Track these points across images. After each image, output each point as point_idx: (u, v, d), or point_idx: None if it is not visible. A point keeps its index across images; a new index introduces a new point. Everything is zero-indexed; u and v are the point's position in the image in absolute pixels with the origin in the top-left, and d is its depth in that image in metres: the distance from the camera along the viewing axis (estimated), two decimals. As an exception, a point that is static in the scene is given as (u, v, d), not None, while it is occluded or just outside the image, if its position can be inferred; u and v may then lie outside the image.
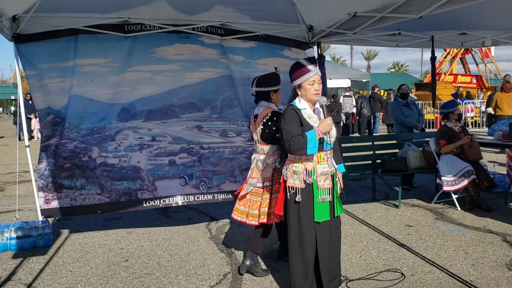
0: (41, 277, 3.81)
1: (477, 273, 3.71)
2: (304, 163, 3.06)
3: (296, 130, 2.96)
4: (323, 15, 4.96)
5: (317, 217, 3.03)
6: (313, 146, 2.91)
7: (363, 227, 5.06)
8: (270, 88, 3.78)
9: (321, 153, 3.05)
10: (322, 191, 3.04)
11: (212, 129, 5.17)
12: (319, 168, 3.04)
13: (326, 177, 3.06)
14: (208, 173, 5.10)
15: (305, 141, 2.89)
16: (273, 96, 3.81)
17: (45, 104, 4.61)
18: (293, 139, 2.91)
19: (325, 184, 3.05)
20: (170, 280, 3.71)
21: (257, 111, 3.80)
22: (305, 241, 3.05)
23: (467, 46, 6.74)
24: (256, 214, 3.70)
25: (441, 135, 5.92)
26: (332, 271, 3.18)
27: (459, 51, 24.45)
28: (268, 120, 3.66)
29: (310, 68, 3.04)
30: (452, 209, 5.72)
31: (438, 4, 3.62)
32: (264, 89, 3.77)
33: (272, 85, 3.79)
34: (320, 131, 2.94)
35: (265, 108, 3.75)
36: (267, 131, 3.67)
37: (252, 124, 3.84)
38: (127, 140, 4.85)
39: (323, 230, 3.08)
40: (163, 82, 4.95)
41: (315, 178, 3.04)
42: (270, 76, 3.85)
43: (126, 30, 4.76)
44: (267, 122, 3.66)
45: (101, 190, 4.76)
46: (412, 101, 7.53)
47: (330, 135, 3.04)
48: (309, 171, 3.04)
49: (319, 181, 3.03)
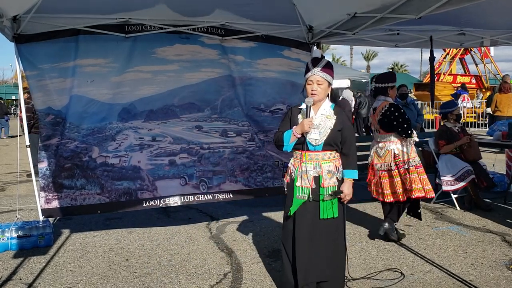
0: (42, 276, 3.82)
1: (476, 273, 3.72)
2: (294, 159, 3.20)
3: (282, 127, 3.22)
4: (323, 15, 4.97)
5: (292, 211, 3.09)
6: (287, 144, 3.12)
7: (363, 227, 5.07)
8: (387, 85, 4.47)
9: (306, 153, 3.08)
10: (300, 189, 3.09)
11: (212, 129, 5.18)
12: (302, 167, 3.09)
13: (307, 177, 3.06)
14: (208, 173, 5.11)
15: (281, 138, 3.14)
16: (389, 91, 4.48)
17: (45, 105, 4.61)
18: (276, 135, 3.23)
19: (303, 183, 3.08)
20: (171, 280, 3.72)
21: (376, 104, 4.49)
22: (286, 236, 3.18)
23: (466, 46, 6.75)
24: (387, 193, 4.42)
25: (441, 135, 5.93)
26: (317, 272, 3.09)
27: (458, 51, 24.43)
28: (386, 111, 4.32)
29: (310, 68, 3.10)
30: (451, 209, 5.73)
31: (438, 5, 3.62)
32: (382, 85, 4.47)
33: (388, 82, 4.47)
34: (295, 131, 3.07)
35: (383, 101, 4.42)
36: (385, 120, 4.32)
37: (371, 115, 4.56)
38: (128, 140, 4.86)
39: (302, 228, 3.07)
40: (163, 83, 4.96)
41: (296, 175, 3.12)
42: (387, 75, 4.59)
43: (126, 30, 4.77)
44: (385, 113, 4.33)
45: (101, 190, 4.77)
46: (411, 101, 7.55)
47: (311, 136, 3.05)
48: (294, 168, 3.16)
49: (299, 179, 3.10)
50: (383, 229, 4.44)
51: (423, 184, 4.36)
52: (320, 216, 3.07)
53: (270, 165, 5.37)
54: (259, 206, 5.95)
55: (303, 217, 3.09)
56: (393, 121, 4.28)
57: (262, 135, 5.36)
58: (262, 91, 5.33)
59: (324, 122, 3.07)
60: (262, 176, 5.34)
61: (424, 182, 4.37)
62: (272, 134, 5.24)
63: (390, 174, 4.39)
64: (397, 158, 4.34)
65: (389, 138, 4.40)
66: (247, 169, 5.27)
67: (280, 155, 5.38)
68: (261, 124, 5.36)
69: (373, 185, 4.59)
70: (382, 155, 4.42)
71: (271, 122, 5.35)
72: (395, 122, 4.28)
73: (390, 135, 4.39)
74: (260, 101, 5.35)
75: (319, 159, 3.09)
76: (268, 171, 5.36)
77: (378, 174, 4.47)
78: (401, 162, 4.34)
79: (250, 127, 5.30)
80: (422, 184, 4.35)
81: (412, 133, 4.31)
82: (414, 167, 4.36)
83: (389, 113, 4.30)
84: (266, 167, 5.36)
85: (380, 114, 4.36)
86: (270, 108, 5.38)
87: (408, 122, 4.32)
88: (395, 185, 4.37)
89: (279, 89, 5.40)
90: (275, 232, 4.91)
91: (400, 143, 4.37)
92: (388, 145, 4.39)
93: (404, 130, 4.28)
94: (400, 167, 4.34)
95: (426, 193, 4.36)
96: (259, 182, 5.33)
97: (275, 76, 5.38)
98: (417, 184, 4.32)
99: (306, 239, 3.09)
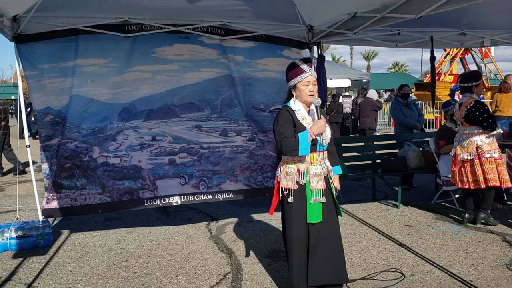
0: (41, 277, 3.82)
1: (477, 273, 3.71)
2: (297, 164, 3.07)
3: (288, 131, 2.98)
4: (323, 15, 4.96)
5: (309, 218, 3.02)
6: (305, 147, 2.92)
7: (363, 227, 5.06)
8: (472, 84, 4.90)
9: (314, 154, 3.04)
10: (315, 192, 3.03)
11: (212, 129, 5.17)
12: (312, 169, 3.04)
13: (319, 178, 3.04)
14: (208, 173, 5.11)
15: (297, 142, 2.91)
16: (474, 90, 4.90)
17: (44, 105, 4.60)
18: (285, 140, 2.94)
19: (317, 186, 3.03)
20: (170, 280, 3.71)
21: (462, 100, 4.95)
22: (299, 241, 3.07)
23: (467, 46, 6.75)
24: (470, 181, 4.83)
25: (441, 135, 5.93)
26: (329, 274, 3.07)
27: (459, 51, 24.39)
28: (472, 107, 4.77)
29: (304, 69, 3.03)
30: (451, 209, 5.72)
31: (438, 4, 3.62)
32: (467, 85, 4.91)
33: (474, 81, 4.90)
34: (312, 133, 2.95)
35: (469, 98, 4.87)
36: (470, 115, 4.78)
37: (457, 110, 5.02)
38: (128, 140, 4.87)
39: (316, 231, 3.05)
40: (163, 82, 4.96)
41: (307, 179, 3.03)
42: (472, 74, 5.00)
43: (126, 30, 4.76)
44: (470, 109, 4.78)
45: (102, 190, 4.77)
46: (412, 101, 7.53)
47: (323, 137, 3.04)
48: (302, 172, 3.04)
49: (312, 182, 3.03)
50: (480, 218, 4.96)
51: (500, 175, 4.74)
52: (338, 215, 3.11)
53: (270, 164, 5.37)
54: (259, 206, 5.94)
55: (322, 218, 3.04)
56: (479, 116, 4.74)
57: (262, 135, 5.36)
58: (261, 91, 5.34)
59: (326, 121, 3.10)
60: (262, 176, 5.33)
61: (502, 173, 4.76)
62: (272, 134, 5.25)
63: (472, 163, 4.80)
64: (479, 149, 4.76)
65: (472, 130, 4.84)
66: (248, 169, 5.27)
67: (280, 155, 5.37)
68: (260, 124, 5.36)
69: (457, 175, 4.98)
70: (466, 145, 4.85)
71: (270, 122, 5.32)
72: (480, 118, 4.74)
73: (474, 128, 4.82)
74: (260, 101, 5.35)
75: (324, 158, 3.12)
76: (268, 170, 5.35)
77: (461, 163, 4.91)
78: (483, 153, 4.75)
79: (250, 127, 5.30)
80: (499, 175, 4.74)
81: (496, 127, 4.81)
82: (493, 158, 4.77)
83: (474, 109, 4.76)
84: (266, 166, 5.35)
85: (466, 110, 4.82)
86: (270, 108, 5.39)
87: (492, 117, 4.82)
88: (476, 173, 4.77)
89: (278, 89, 5.39)
90: (275, 232, 4.90)
91: (483, 135, 4.80)
92: (471, 137, 4.82)
93: (489, 124, 4.76)
94: (481, 157, 4.75)
95: (501, 183, 4.75)
96: (260, 181, 5.32)
97: (275, 76, 5.37)
98: (494, 174, 4.72)
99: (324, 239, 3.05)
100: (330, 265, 3.09)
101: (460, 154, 4.91)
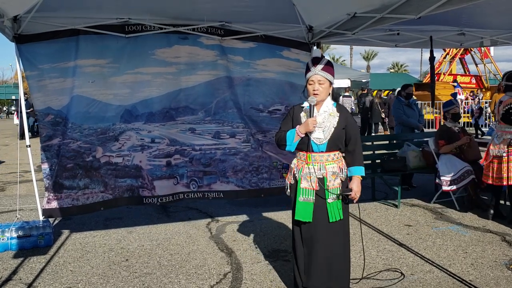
0: (42, 276, 3.83)
1: (476, 273, 3.72)
2: (298, 160, 3.15)
3: (285, 126, 3.18)
4: (322, 15, 4.97)
5: (297, 215, 3.04)
6: (290, 144, 3.09)
7: (362, 227, 5.07)
8: None
9: (310, 154, 3.04)
10: (304, 191, 3.03)
11: (205, 132, 5.22)
12: (305, 168, 3.05)
13: (311, 179, 3.01)
14: (199, 173, 5.17)
15: (284, 137, 3.11)
16: None
17: (44, 105, 4.62)
18: (277, 135, 3.19)
19: (306, 185, 3.02)
20: (171, 280, 3.72)
21: (503, 99, 5.05)
22: (299, 241, 3.14)
23: (466, 46, 6.75)
24: (495, 177, 4.96)
25: (440, 135, 5.94)
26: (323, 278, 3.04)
27: (458, 51, 24.43)
28: (510, 108, 4.86)
29: (310, 68, 3.08)
30: (451, 209, 5.73)
31: (438, 4, 3.63)
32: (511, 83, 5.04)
33: None
34: (299, 131, 3.03)
35: (509, 97, 4.96)
36: (507, 115, 4.86)
37: (497, 108, 5.11)
38: (130, 140, 4.93)
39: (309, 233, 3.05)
40: (162, 85, 4.99)
41: (300, 177, 3.07)
42: None
43: (126, 30, 4.77)
44: (509, 109, 4.87)
45: (104, 188, 4.83)
46: (413, 102, 7.52)
47: (315, 136, 3.02)
48: (298, 169, 3.11)
49: (303, 181, 3.05)
50: None
51: None
52: (329, 220, 3.01)
53: (266, 166, 5.39)
54: (259, 206, 5.95)
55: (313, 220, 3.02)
56: None
57: (260, 136, 5.38)
58: (260, 91, 5.36)
59: (327, 120, 3.04)
60: (257, 177, 5.36)
61: None
62: (270, 135, 5.26)
63: (500, 160, 4.88)
64: (510, 147, 4.83)
65: (507, 129, 4.92)
66: (241, 170, 5.29)
67: (279, 155, 5.38)
68: (259, 125, 5.37)
69: (485, 169, 5.11)
70: (499, 142, 4.95)
71: (269, 123, 5.38)
72: None
73: (510, 127, 4.90)
74: (259, 101, 5.37)
75: (323, 160, 3.05)
76: (264, 172, 5.37)
77: (491, 158, 5.01)
78: None
79: (246, 128, 5.32)
80: None
81: None
82: None
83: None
84: (262, 168, 5.37)
85: (504, 109, 4.92)
86: (269, 109, 5.40)
87: None
88: (501, 169, 4.87)
89: (277, 90, 5.41)
90: (275, 232, 4.91)
91: None
92: (505, 135, 4.91)
93: None
94: (510, 154, 4.82)
95: None
96: (254, 183, 5.34)
97: (274, 76, 5.39)
98: None
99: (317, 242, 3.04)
100: (328, 269, 3.04)
101: (492, 149, 5.01)
